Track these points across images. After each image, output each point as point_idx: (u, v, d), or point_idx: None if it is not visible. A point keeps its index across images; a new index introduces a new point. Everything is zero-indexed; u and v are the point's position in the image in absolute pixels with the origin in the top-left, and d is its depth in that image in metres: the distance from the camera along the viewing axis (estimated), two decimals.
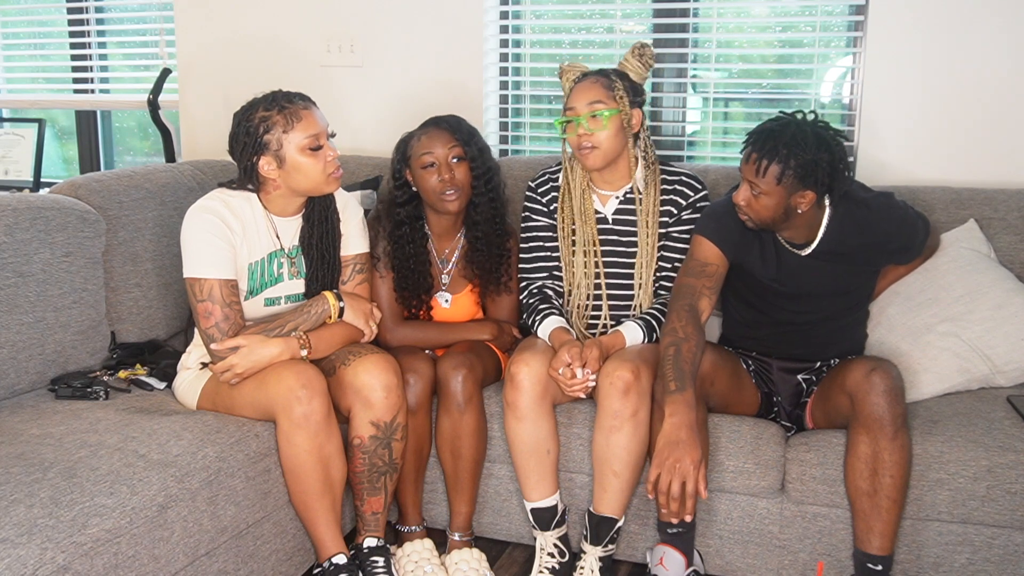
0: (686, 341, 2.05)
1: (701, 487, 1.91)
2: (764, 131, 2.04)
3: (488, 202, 2.41)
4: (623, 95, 2.25)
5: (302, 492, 2.06)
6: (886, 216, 2.16)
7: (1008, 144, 2.71)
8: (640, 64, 2.31)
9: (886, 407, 1.96)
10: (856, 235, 2.13)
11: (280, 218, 2.20)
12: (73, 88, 3.96)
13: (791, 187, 2.01)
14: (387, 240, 2.42)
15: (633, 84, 2.31)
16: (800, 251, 2.17)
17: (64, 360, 2.31)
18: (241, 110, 2.13)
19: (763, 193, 2.03)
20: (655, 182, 2.35)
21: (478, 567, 2.27)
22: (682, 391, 1.97)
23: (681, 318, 2.09)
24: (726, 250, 2.19)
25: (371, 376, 2.08)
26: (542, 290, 2.40)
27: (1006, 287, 2.38)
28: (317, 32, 3.31)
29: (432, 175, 2.35)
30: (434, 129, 2.39)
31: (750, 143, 2.06)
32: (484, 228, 2.43)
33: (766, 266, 2.20)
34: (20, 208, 2.21)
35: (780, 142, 1.99)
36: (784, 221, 2.08)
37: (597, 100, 2.24)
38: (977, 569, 2.08)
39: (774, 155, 1.99)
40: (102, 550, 1.62)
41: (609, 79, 2.27)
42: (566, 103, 2.31)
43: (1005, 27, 2.67)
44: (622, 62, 2.33)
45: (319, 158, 2.10)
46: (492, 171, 2.42)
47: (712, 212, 2.26)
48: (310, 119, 2.09)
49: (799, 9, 2.98)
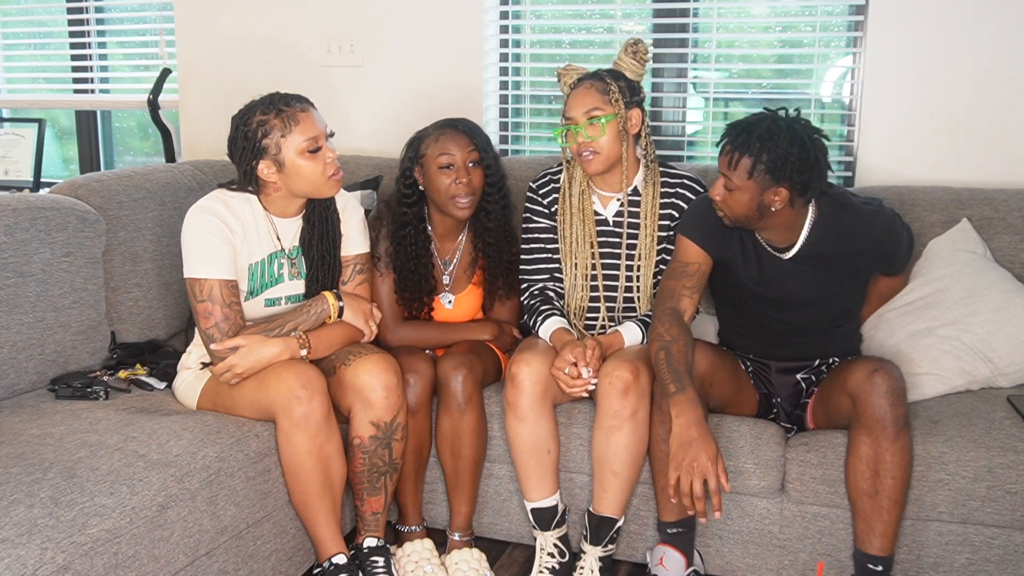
0: (674, 342, 2.04)
1: (723, 481, 1.90)
2: (740, 124, 2.04)
3: (500, 209, 2.43)
4: (618, 98, 2.24)
5: (302, 492, 2.06)
6: (872, 222, 2.13)
7: (1008, 144, 2.71)
8: (635, 61, 2.30)
9: (888, 408, 1.96)
10: (839, 240, 2.11)
11: (280, 219, 2.20)
12: (73, 88, 3.96)
13: (763, 182, 1.99)
14: (389, 240, 2.42)
15: (630, 83, 2.30)
16: (782, 254, 2.15)
17: (64, 360, 2.31)
18: (239, 114, 2.12)
19: (736, 188, 2.01)
20: (655, 184, 2.35)
21: (478, 567, 2.27)
22: (682, 391, 1.97)
23: (664, 322, 2.09)
24: (708, 248, 2.18)
25: (371, 376, 2.08)
26: (543, 291, 2.40)
27: (1006, 288, 2.37)
28: (317, 32, 3.31)
29: (449, 176, 2.34)
30: (452, 131, 2.37)
31: (726, 135, 2.06)
32: (495, 234, 2.44)
33: (747, 266, 2.19)
34: (20, 208, 2.21)
35: (754, 135, 1.99)
36: (759, 219, 2.06)
37: (594, 107, 2.23)
38: (977, 569, 2.08)
39: (746, 148, 1.99)
40: (102, 550, 1.62)
41: (604, 82, 2.26)
42: (564, 110, 2.30)
43: (1005, 27, 2.67)
44: (616, 61, 2.33)
45: (318, 160, 2.10)
46: (504, 179, 2.44)
47: (694, 210, 2.25)
48: (308, 121, 2.09)
49: (799, 9, 2.99)
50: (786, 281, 2.16)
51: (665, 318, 2.10)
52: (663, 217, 2.35)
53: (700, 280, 2.18)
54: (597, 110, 2.23)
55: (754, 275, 2.18)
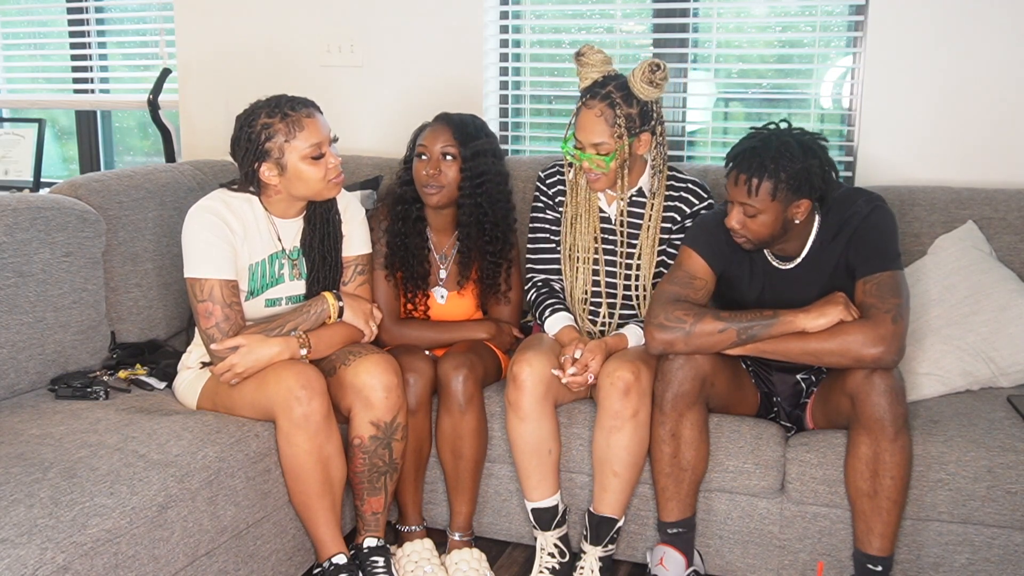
0: (705, 313, 2.05)
1: None
2: (746, 150, 2.00)
3: (474, 207, 2.39)
4: (623, 133, 2.18)
5: (302, 492, 2.06)
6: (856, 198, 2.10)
7: (1008, 144, 2.71)
8: (650, 87, 2.19)
9: (887, 408, 1.95)
10: (841, 235, 2.10)
11: (281, 220, 2.20)
12: (73, 88, 3.96)
13: (786, 199, 1.99)
14: (387, 220, 2.43)
15: (642, 108, 2.21)
16: (786, 264, 2.15)
17: (64, 360, 2.31)
18: (244, 114, 2.12)
19: (759, 212, 2.00)
20: (662, 187, 2.35)
21: (478, 567, 2.27)
22: (766, 314, 2.02)
23: (678, 308, 2.07)
24: (714, 264, 2.17)
25: (371, 376, 2.08)
26: (547, 283, 2.40)
27: (1009, 288, 2.37)
28: (317, 32, 3.31)
29: (421, 166, 2.37)
30: (440, 124, 2.40)
31: (735, 165, 2.01)
32: (472, 230, 2.42)
33: (753, 282, 2.19)
34: (20, 208, 2.21)
35: (766, 157, 1.96)
36: (783, 235, 2.06)
37: (601, 142, 2.19)
38: (977, 569, 2.08)
39: (763, 172, 1.96)
40: (102, 550, 1.62)
41: (614, 112, 2.18)
42: (574, 124, 2.24)
43: (1005, 26, 2.67)
44: (630, 76, 2.21)
45: (320, 166, 2.09)
46: (485, 176, 2.39)
47: (703, 224, 2.23)
48: (313, 127, 2.08)
49: (799, 9, 2.98)
50: (787, 292, 2.15)
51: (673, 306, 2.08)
52: (665, 220, 2.35)
53: (706, 296, 2.18)
54: (604, 144, 2.20)
55: (757, 294, 2.19)
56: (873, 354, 1.94)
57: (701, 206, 2.34)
